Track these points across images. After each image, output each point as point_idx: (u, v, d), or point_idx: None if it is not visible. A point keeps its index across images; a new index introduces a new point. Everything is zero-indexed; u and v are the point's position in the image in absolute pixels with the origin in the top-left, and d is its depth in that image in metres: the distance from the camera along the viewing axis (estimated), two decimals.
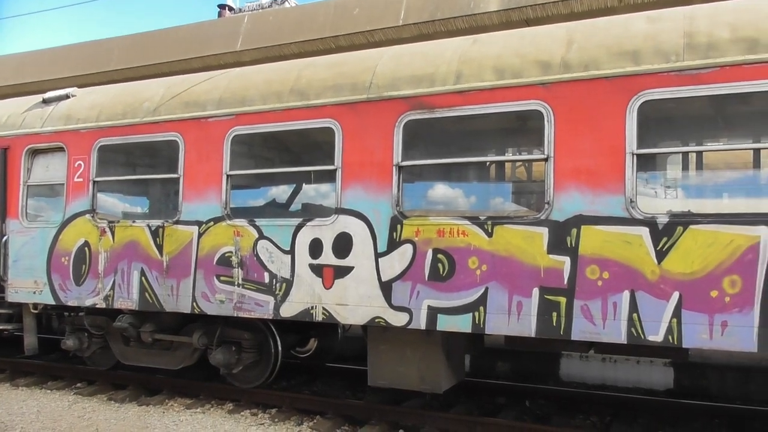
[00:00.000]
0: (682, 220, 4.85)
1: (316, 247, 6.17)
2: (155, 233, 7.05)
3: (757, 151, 6.08)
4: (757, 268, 4.61)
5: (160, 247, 7.00)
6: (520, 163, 7.76)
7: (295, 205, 7.88)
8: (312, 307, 6.18)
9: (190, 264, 6.82)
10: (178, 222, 6.91)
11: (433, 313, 5.66)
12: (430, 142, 6.72)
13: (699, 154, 6.30)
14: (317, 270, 6.15)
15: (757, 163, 6.10)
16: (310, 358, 8.64)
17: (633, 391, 7.72)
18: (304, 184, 7.98)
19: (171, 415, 6.91)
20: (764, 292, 4.59)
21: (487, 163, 7.36)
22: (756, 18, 4.86)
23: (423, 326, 5.69)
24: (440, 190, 6.97)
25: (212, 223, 6.71)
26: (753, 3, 5.04)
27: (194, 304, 6.79)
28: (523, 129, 6.37)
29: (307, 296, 6.20)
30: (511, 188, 7.66)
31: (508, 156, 7.50)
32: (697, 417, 6.64)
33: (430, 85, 5.80)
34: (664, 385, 7.73)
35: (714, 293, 4.72)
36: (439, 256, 5.64)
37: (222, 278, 6.64)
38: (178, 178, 6.96)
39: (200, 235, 6.77)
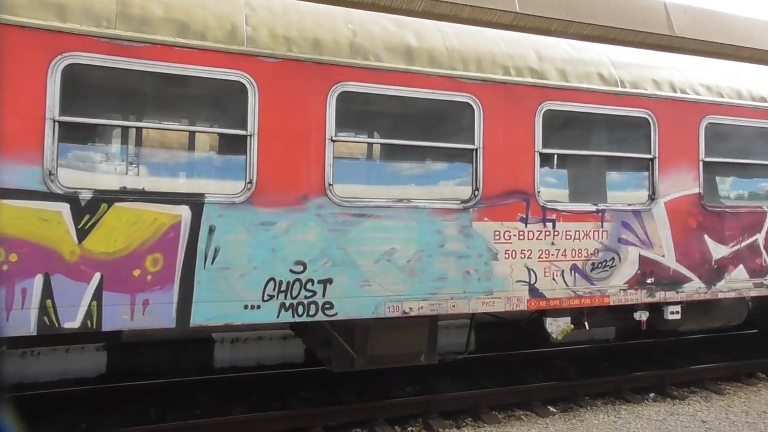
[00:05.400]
0: (108, 197, 4.58)
1: None
2: None
3: (192, 134, 6.35)
4: (178, 246, 4.77)
5: None
6: None
7: None
8: None
9: None
10: None
11: None
12: None
13: (138, 129, 6.16)
14: None
15: (191, 146, 6.39)
16: None
17: (62, 383, 7.08)
18: None
19: None
20: (183, 270, 4.78)
21: None
22: (188, 3, 5.00)
23: None
24: None
25: None
26: None
27: None
28: None
29: None
30: None
31: None
32: (127, 398, 6.56)
33: None
34: (96, 371, 7.39)
35: (137, 272, 4.64)
36: None
37: None
38: None
39: None
